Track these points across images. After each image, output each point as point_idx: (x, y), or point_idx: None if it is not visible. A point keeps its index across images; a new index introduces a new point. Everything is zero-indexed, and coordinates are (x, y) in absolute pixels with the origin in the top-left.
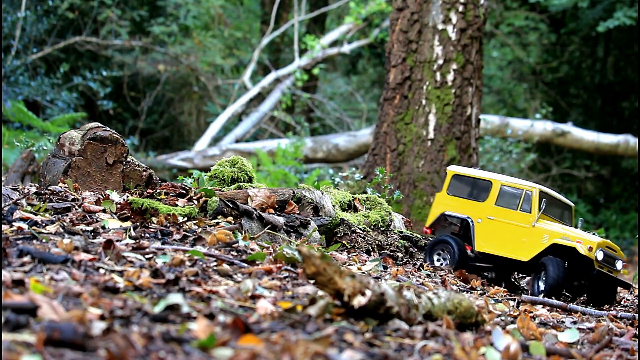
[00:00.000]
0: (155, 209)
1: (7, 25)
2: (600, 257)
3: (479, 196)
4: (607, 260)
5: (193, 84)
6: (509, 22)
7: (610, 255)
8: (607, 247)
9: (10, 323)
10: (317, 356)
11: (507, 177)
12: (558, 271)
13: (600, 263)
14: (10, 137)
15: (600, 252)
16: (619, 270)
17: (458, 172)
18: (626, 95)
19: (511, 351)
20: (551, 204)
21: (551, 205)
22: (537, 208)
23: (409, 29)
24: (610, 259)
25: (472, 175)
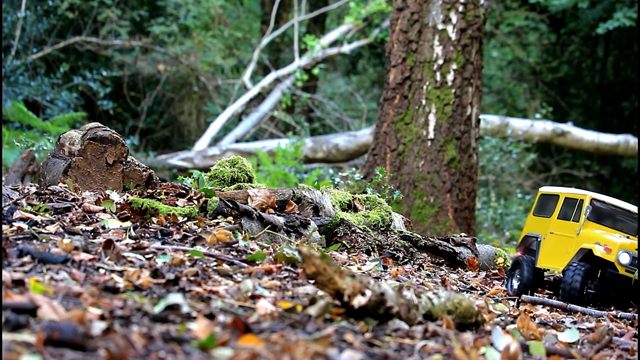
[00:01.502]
0: (155, 209)
1: (7, 25)
2: (626, 260)
3: (550, 212)
4: (635, 264)
5: (193, 84)
6: (509, 22)
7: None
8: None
9: (10, 323)
10: (317, 356)
11: (574, 189)
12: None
13: (628, 268)
14: (10, 137)
15: (626, 255)
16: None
17: (543, 192)
18: (626, 95)
19: (511, 351)
20: (614, 213)
21: (616, 215)
22: (583, 216)
23: (409, 29)
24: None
25: (549, 192)
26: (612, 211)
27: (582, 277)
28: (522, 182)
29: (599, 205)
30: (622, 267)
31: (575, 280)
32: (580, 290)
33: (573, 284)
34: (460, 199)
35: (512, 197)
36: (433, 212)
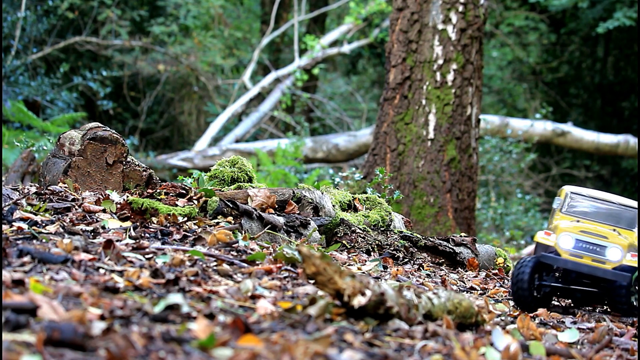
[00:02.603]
0: (155, 209)
1: (7, 25)
2: (568, 244)
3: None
4: (583, 247)
5: (193, 84)
6: (509, 22)
7: (591, 242)
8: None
9: (10, 323)
10: (317, 356)
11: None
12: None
13: (573, 252)
14: (10, 137)
15: (568, 237)
16: (618, 261)
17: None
18: (626, 95)
19: (511, 351)
20: (599, 206)
21: (601, 209)
22: (553, 208)
23: (409, 29)
24: (592, 246)
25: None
26: (596, 204)
27: (530, 271)
28: (522, 182)
29: (578, 198)
30: (565, 252)
31: (523, 272)
32: (529, 285)
33: (519, 276)
34: (460, 199)
35: (512, 197)
36: (433, 212)
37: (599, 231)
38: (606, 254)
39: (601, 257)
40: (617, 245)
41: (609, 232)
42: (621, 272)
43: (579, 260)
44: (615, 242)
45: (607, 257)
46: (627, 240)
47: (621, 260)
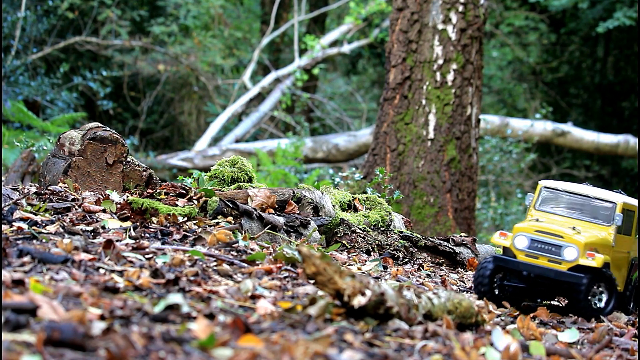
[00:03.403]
0: (155, 209)
1: (7, 25)
2: (522, 244)
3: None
4: (538, 248)
5: (193, 84)
6: (509, 22)
7: (546, 241)
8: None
9: (10, 323)
10: (317, 356)
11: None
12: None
13: (528, 252)
14: (10, 137)
15: (522, 238)
16: (573, 260)
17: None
18: (626, 95)
19: (511, 351)
20: (572, 200)
21: (575, 202)
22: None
23: (409, 29)
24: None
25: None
26: (571, 199)
27: (490, 272)
28: (522, 182)
29: (554, 193)
30: (520, 252)
31: (483, 274)
32: (490, 286)
33: (479, 279)
34: (460, 199)
35: (512, 197)
36: (433, 212)
37: (555, 230)
38: (562, 254)
39: (557, 257)
40: (573, 244)
41: (565, 231)
42: (576, 272)
43: (534, 261)
44: (571, 241)
45: (563, 257)
46: (584, 238)
47: (576, 259)
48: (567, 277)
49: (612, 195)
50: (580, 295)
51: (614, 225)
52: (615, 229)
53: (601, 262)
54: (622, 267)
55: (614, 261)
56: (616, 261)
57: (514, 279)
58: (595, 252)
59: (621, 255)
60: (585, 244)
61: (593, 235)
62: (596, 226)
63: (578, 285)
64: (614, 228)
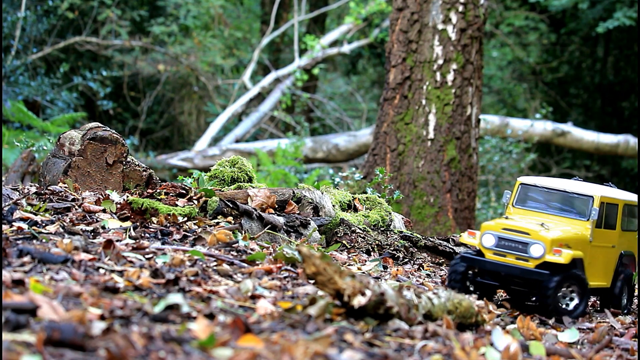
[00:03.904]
0: (155, 209)
1: (7, 25)
2: (489, 242)
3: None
4: (506, 245)
5: (193, 84)
6: (509, 22)
7: (513, 239)
8: (509, 229)
9: (10, 323)
10: (317, 356)
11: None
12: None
13: (495, 251)
14: (10, 137)
15: (490, 237)
16: (540, 257)
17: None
18: (626, 95)
19: (511, 351)
20: (549, 196)
21: (552, 198)
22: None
23: (409, 29)
24: (514, 243)
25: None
26: (549, 195)
27: (464, 269)
28: None
29: (531, 189)
30: (488, 250)
31: (455, 271)
32: (462, 283)
33: (452, 275)
34: (460, 199)
35: None
36: (433, 212)
37: (521, 227)
38: (529, 251)
39: (524, 255)
40: (539, 241)
41: (532, 228)
42: (545, 270)
43: (502, 260)
44: (538, 238)
45: (530, 254)
46: (551, 235)
47: (543, 256)
48: (533, 274)
49: (589, 188)
50: (548, 292)
51: (591, 220)
52: (592, 223)
53: (569, 259)
54: (608, 262)
55: (593, 256)
56: (596, 256)
57: (486, 276)
58: (563, 249)
59: (603, 250)
60: (553, 240)
61: (564, 231)
62: (573, 221)
63: (544, 283)
64: (591, 222)
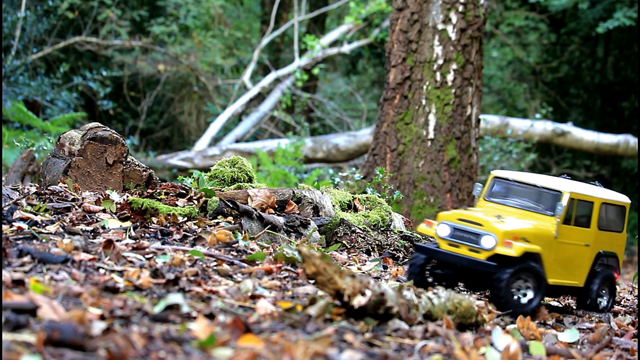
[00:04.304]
0: (155, 209)
1: (7, 25)
2: (444, 232)
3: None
4: (459, 236)
5: (193, 84)
6: (509, 22)
7: (466, 229)
8: (464, 219)
9: (10, 323)
10: (317, 356)
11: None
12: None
13: (450, 241)
14: (10, 137)
15: (445, 227)
16: (491, 249)
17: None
18: (626, 95)
19: (511, 351)
20: (521, 190)
21: (524, 193)
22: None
23: (409, 29)
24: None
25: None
26: (519, 188)
27: (423, 262)
28: None
29: (503, 183)
30: (443, 240)
31: (414, 264)
32: (422, 275)
33: (412, 268)
34: (460, 199)
35: None
36: (433, 212)
37: (476, 218)
38: (480, 242)
39: (476, 246)
40: (491, 232)
41: (486, 219)
42: (492, 262)
43: (455, 250)
44: (490, 229)
45: (481, 245)
46: (505, 227)
47: (493, 248)
48: (481, 265)
49: (560, 184)
50: (501, 284)
51: (556, 215)
52: (559, 218)
53: (520, 252)
54: (579, 260)
55: (559, 253)
56: (563, 253)
57: (445, 268)
58: (517, 241)
59: (573, 247)
60: (505, 233)
61: (522, 224)
62: (541, 216)
63: (497, 275)
64: (557, 218)
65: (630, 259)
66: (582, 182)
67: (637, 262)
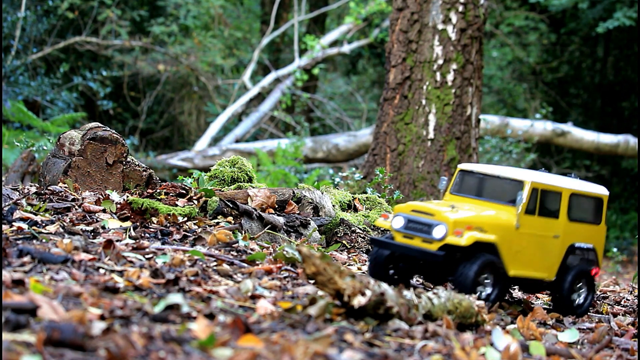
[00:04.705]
0: (155, 209)
1: (7, 25)
2: (398, 224)
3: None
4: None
5: (193, 84)
6: (509, 22)
7: (419, 220)
8: (417, 210)
9: (10, 323)
10: (317, 356)
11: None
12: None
13: (405, 233)
14: (10, 137)
15: (399, 219)
16: (442, 239)
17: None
18: (626, 95)
19: (511, 351)
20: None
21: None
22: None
23: (409, 29)
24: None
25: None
26: (484, 181)
27: (387, 255)
28: None
29: (468, 176)
30: (398, 232)
31: (377, 252)
32: (385, 270)
33: (375, 261)
34: None
35: None
36: None
37: (428, 209)
38: (432, 233)
39: (428, 237)
40: (442, 222)
41: (438, 209)
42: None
43: (409, 242)
44: (441, 219)
45: (433, 235)
46: (456, 216)
47: (444, 238)
48: (428, 256)
49: (521, 174)
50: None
51: (517, 205)
52: (521, 208)
53: (470, 241)
54: (547, 252)
55: (522, 244)
56: (527, 245)
57: (403, 261)
58: (469, 231)
59: (539, 239)
60: (456, 222)
61: (477, 213)
62: (503, 207)
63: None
64: (517, 208)
65: (631, 259)
66: (560, 175)
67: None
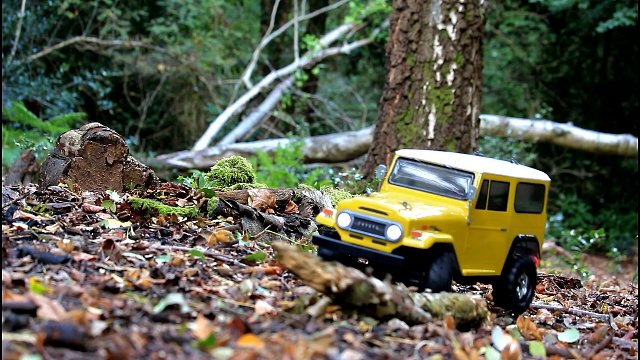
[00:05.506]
0: (155, 209)
1: (7, 25)
2: (345, 222)
3: None
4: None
5: (193, 84)
6: (509, 22)
7: (369, 219)
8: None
9: (10, 323)
10: (317, 356)
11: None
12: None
13: (352, 232)
14: (10, 137)
15: (345, 216)
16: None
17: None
18: (626, 95)
19: (511, 351)
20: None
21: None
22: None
23: (409, 29)
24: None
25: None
26: (428, 170)
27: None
28: None
29: (409, 164)
30: (344, 231)
31: (322, 253)
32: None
33: (319, 252)
34: None
35: None
36: None
37: (380, 207)
38: (386, 234)
39: (381, 238)
40: (397, 222)
41: (391, 207)
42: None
43: (358, 242)
44: (395, 218)
45: (387, 236)
46: (411, 215)
47: (400, 240)
48: (384, 259)
49: (471, 165)
50: (437, 280)
51: (469, 200)
52: (471, 203)
53: (429, 243)
54: (495, 247)
55: (473, 241)
56: (478, 241)
57: (348, 262)
58: (426, 231)
59: (488, 233)
60: (412, 222)
61: (431, 212)
62: (451, 201)
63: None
64: (469, 202)
65: (631, 259)
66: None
67: (637, 262)
